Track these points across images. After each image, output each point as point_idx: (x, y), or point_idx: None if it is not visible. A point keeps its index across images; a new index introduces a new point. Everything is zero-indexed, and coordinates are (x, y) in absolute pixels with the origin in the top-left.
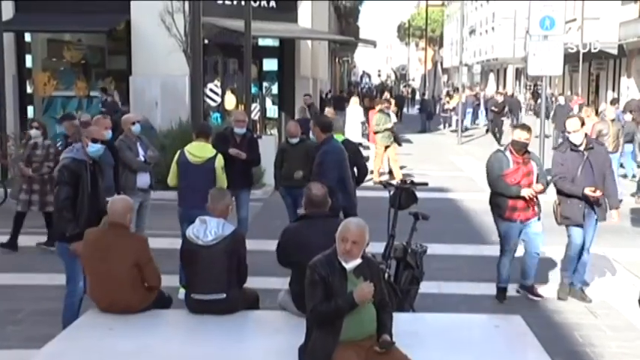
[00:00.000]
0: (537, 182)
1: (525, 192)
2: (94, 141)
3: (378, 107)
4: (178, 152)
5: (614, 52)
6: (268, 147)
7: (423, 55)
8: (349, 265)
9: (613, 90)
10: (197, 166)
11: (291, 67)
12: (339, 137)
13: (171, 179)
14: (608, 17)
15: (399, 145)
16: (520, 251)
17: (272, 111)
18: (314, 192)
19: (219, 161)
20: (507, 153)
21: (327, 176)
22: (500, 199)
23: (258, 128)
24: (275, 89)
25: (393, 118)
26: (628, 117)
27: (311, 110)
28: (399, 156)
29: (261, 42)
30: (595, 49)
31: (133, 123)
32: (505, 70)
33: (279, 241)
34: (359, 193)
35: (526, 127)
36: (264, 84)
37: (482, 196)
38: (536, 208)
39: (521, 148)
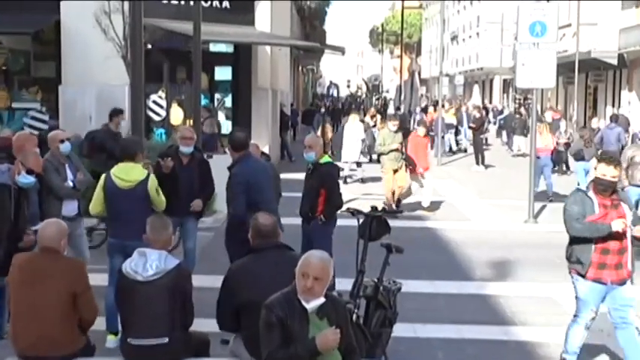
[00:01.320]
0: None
1: (616, 225)
2: (29, 172)
3: (369, 121)
4: (104, 176)
5: (614, 62)
6: (220, 168)
7: (399, 63)
8: (311, 305)
9: (613, 105)
10: (127, 191)
11: (247, 76)
12: (324, 159)
13: (94, 206)
14: (606, 23)
15: (413, 171)
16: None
17: (225, 126)
18: (261, 221)
19: (152, 182)
20: (591, 193)
21: (234, 202)
22: (583, 251)
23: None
24: (229, 102)
25: (398, 138)
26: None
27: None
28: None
29: (213, 47)
30: (593, 58)
31: (62, 141)
32: (491, 82)
33: (222, 285)
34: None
35: (613, 161)
36: (217, 96)
37: (465, 225)
38: (629, 265)
39: (607, 188)
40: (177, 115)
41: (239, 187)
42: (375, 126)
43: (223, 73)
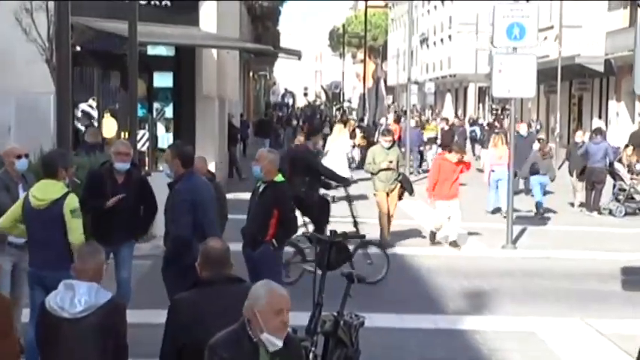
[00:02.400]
0: None
1: None
2: None
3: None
4: (24, 194)
5: (600, 68)
6: (159, 187)
7: (362, 69)
8: (279, 344)
9: (600, 116)
10: (41, 211)
11: (191, 83)
12: (278, 177)
13: (3, 220)
14: (592, 25)
15: (411, 193)
16: None
17: (165, 140)
18: (210, 246)
19: (70, 202)
20: None
21: (177, 222)
22: None
23: (146, 163)
24: (169, 112)
25: (393, 155)
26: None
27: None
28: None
29: (151, 50)
30: (577, 64)
31: (19, 157)
32: (465, 90)
33: (166, 322)
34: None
35: None
36: (155, 105)
37: (436, 250)
38: None
39: None
40: (110, 127)
41: (183, 205)
42: (355, 146)
43: (163, 79)
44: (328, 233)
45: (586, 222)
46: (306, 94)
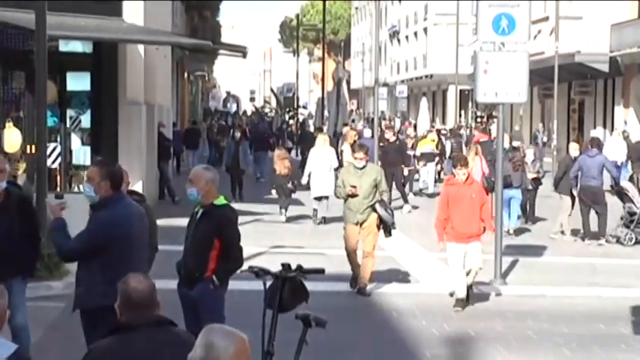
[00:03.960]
0: None
1: None
2: None
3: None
4: None
5: (605, 67)
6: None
7: (320, 68)
8: None
9: (604, 125)
10: None
11: (112, 86)
12: (219, 200)
13: None
14: (594, 17)
15: (387, 234)
16: None
17: (81, 154)
18: (133, 286)
19: None
20: None
21: (76, 243)
22: None
23: (59, 181)
24: (86, 121)
25: (368, 177)
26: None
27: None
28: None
29: (64, 46)
30: (577, 63)
31: None
32: (444, 94)
33: None
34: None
35: None
36: (69, 112)
37: (411, 287)
38: None
39: None
40: (12, 139)
41: (97, 239)
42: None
43: (79, 81)
44: (280, 266)
45: (588, 252)
46: (252, 99)
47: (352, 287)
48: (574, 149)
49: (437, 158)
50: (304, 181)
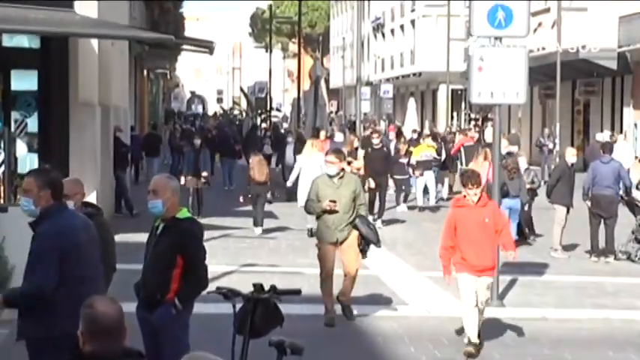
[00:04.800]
0: None
1: None
2: None
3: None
4: None
5: (612, 64)
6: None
7: (295, 66)
8: None
9: (612, 127)
10: None
11: (62, 85)
12: (182, 213)
13: None
14: (600, 9)
15: (364, 255)
16: None
17: (27, 162)
18: (102, 310)
19: None
20: None
21: (39, 275)
22: None
23: (2, 192)
24: (33, 124)
25: (346, 189)
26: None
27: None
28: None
29: (9, 41)
30: (582, 60)
31: None
32: (434, 94)
33: None
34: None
35: None
36: (14, 115)
37: (398, 311)
38: None
39: None
40: None
41: (51, 253)
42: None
43: (25, 80)
44: (252, 287)
45: (595, 269)
46: (220, 100)
47: (329, 323)
48: (571, 155)
49: (434, 166)
50: (289, 183)
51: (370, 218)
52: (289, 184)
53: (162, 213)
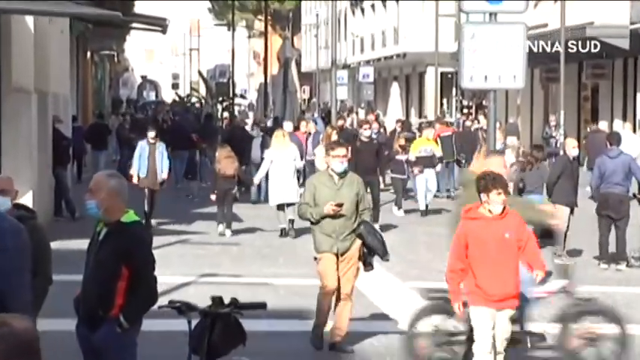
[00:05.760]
0: None
1: None
2: None
3: None
4: None
5: (624, 44)
6: None
7: (262, 46)
8: None
9: (624, 117)
10: None
11: None
12: (128, 216)
13: None
14: None
15: (368, 267)
16: None
17: None
18: (23, 327)
19: None
20: None
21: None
22: None
23: None
24: None
25: (349, 189)
26: None
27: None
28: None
29: None
30: (589, 38)
31: None
32: (421, 78)
33: None
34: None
35: None
36: None
37: (380, 326)
38: None
39: None
40: None
41: (23, 258)
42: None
43: None
44: (210, 300)
45: (604, 278)
46: (175, 86)
47: (316, 344)
48: (572, 147)
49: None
50: (257, 180)
51: None
52: (257, 181)
53: (98, 215)
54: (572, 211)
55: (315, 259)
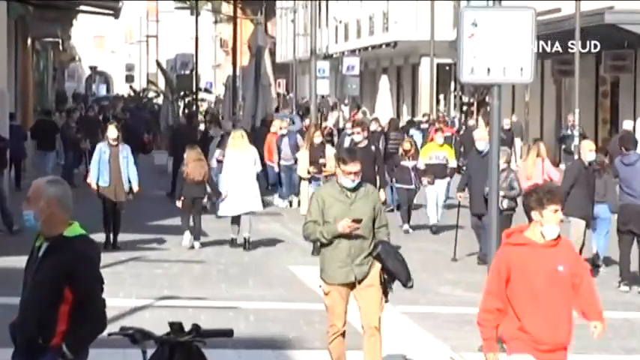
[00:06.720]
0: None
1: None
2: None
3: None
4: None
5: None
6: None
7: (231, 33)
8: None
9: None
10: None
11: None
12: (72, 229)
13: None
14: None
15: (405, 284)
16: None
17: None
18: None
19: None
20: None
21: None
22: None
23: None
24: None
25: (366, 202)
26: None
27: None
28: None
29: None
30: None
31: None
32: (414, 70)
33: None
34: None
35: None
36: None
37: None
38: None
39: None
40: None
41: None
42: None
43: None
44: (169, 327)
45: (625, 302)
46: (130, 79)
47: None
48: (589, 150)
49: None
50: (224, 191)
51: None
52: (224, 192)
53: (36, 227)
54: (587, 225)
55: (320, 287)
